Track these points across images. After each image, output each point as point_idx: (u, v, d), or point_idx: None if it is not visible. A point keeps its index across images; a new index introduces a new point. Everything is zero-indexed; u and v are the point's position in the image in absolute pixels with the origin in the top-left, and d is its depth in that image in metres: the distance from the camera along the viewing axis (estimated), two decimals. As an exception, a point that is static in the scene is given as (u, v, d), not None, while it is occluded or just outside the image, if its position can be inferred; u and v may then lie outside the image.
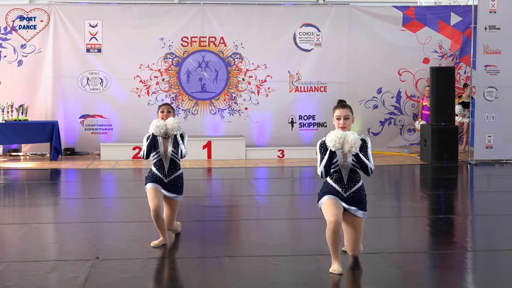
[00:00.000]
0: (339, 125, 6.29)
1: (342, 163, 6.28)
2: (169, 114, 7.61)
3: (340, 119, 6.30)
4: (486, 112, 14.53)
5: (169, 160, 7.49)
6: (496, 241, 7.87)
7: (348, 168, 6.30)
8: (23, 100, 15.41)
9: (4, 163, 14.68)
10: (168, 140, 7.51)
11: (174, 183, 7.52)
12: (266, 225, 8.62)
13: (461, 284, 6.13)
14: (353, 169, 6.31)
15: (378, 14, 16.46)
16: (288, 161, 15.09)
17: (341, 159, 6.27)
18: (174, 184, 7.52)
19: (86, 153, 16.01)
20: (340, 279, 6.12)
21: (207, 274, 6.41)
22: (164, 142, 7.49)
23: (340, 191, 6.31)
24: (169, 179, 7.48)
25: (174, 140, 7.52)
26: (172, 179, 7.51)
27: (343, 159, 6.28)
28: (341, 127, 6.29)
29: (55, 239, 8.02)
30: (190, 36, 16.16)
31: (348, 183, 6.33)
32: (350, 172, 6.32)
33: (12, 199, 10.92)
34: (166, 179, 7.47)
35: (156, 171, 7.50)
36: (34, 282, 6.01)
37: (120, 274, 6.34)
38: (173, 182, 7.52)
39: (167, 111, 7.62)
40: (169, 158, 7.48)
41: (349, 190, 6.32)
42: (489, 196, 11.31)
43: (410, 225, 8.75)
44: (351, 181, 6.34)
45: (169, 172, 7.49)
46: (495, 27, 14.49)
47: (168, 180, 7.48)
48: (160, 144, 7.47)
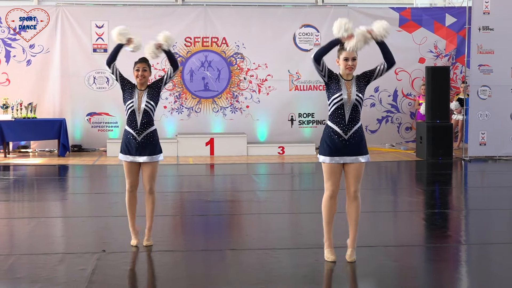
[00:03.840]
0: (347, 66, 6.25)
1: (346, 98, 6.18)
2: (145, 73, 6.95)
3: (348, 60, 6.25)
4: (479, 110, 14.53)
5: (142, 113, 6.80)
6: (489, 235, 7.88)
7: (352, 105, 6.21)
8: (32, 98, 15.41)
9: (14, 159, 14.69)
10: (143, 92, 6.88)
11: (147, 140, 6.82)
12: (267, 219, 8.63)
13: (455, 277, 6.14)
14: (356, 105, 6.23)
15: (375, 15, 16.41)
16: (288, 158, 15.09)
17: (346, 94, 6.18)
18: (148, 142, 6.82)
19: (92, 150, 16.02)
20: (338, 272, 6.13)
21: (210, 266, 6.42)
22: (139, 93, 6.86)
23: (341, 133, 6.22)
24: (142, 136, 6.80)
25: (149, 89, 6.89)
26: (146, 135, 6.82)
27: (348, 95, 6.20)
28: (349, 68, 6.24)
29: (63, 233, 8.04)
30: (193, 37, 16.15)
31: (349, 123, 6.22)
32: (353, 109, 6.22)
33: (21, 194, 10.93)
34: (138, 137, 6.80)
35: (129, 127, 6.83)
36: (43, 274, 6.03)
37: (125, 266, 6.36)
38: (147, 138, 6.82)
39: (143, 70, 6.95)
40: (142, 110, 6.80)
41: (350, 131, 6.22)
42: (482, 191, 11.32)
43: (406, 219, 8.75)
44: (352, 120, 6.23)
45: (141, 127, 6.80)
46: (489, 27, 14.48)
47: (141, 138, 6.80)
48: (134, 93, 6.85)
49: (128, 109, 6.85)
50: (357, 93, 6.22)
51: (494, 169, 13.73)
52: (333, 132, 6.25)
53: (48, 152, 15.85)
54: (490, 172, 13.50)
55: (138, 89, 6.95)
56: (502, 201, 9.87)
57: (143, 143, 6.85)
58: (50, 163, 14.09)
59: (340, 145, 6.22)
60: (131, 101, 6.85)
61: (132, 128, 6.85)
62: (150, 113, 6.86)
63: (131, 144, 6.87)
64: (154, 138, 6.92)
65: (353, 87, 6.25)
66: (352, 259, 6.29)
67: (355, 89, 6.24)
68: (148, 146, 6.87)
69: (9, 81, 15.67)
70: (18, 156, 15.26)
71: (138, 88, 6.97)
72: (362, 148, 6.29)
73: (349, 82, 6.28)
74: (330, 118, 6.31)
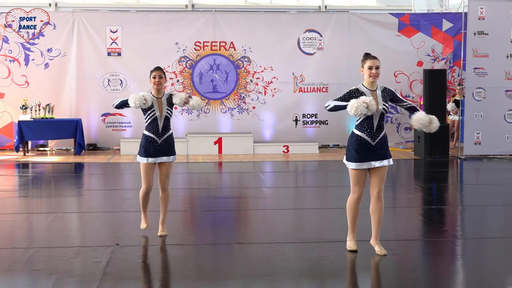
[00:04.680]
0: (371, 74, 6.23)
1: (375, 110, 6.17)
2: (161, 79, 7.12)
3: (372, 69, 6.23)
4: (475, 111, 14.50)
5: (164, 119, 7.09)
6: (483, 230, 7.86)
7: (379, 113, 6.23)
8: (50, 100, 15.45)
9: (33, 157, 14.73)
10: (162, 101, 7.10)
11: (167, 143, 7.10)
12: (272, 215, 8.63)
13: (451, 269, 6.13)
14: (382, 113, 6.26)
15: (376, 20, 16.43)
16: (292, 156, 15.08)
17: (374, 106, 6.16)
18: (167, 144, 7.11)
19: (107, 148, 16.05)
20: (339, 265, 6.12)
21: (218, 259, 6.42)
22: (158, 102, 7.08)
23: (369, 140, 6.23)
24: (162, 139, 7.08)
25: (167, 99, 7.13)
26: (165, 138, 7.10)
27: (376, 105, 6.20)
28: (373, 75, 6.23)
29: (79, 227, 8.05)
30: (203, 41, 16.15)
31: (377, 130, 6.24)
32: (380, 117, 6.25)
33: (39, 191, 10.95)
34: (159, 140, 7.07)
35: (149, 133, 7.09)
36: (60, 266, 6.04)
37: (138, 259, 6.36)
38: (166, 141, 7.10)
39: (159, 77, 7.12)
40: (163, 117, 7.08)
41: (377, 137, 6.25)
42: (477, 188, 11.29)
43: (405, 214, 8.74)
44: (379, 127, 6.26)
45: (162, 131, 7.08)
46: (484, 32, 14.44)
47: (161, 141, 7.08)
48: (155, 103, 7.06)
49: (151, 117, 7.10)
50: (384, 103, 6.24)
51: (488, 167, 13.69)
52: (361, 140, 6.27)
53: (65, 150, 15.88)
54: (484, 170, 13.46)
55: (156, 97, 7.15)
56: (496, 198, 9.84)
57: (162, 145, 7.11)
58: (67, 161, 14.12)
59: (368, 151, 6.26)
60: (152, 110, 7.10)
61: (153, 133, 7.09)
62: (169, 118, 7.17)
63: (152, 147, 7.10)
64: (172, 140, 7.21)
65: (379, 97, 6.26)
66: (383, 252, 6.34)
67: (381, 99, 6.25)
68: (166, 147, 7.13)
69: (28, 83, 15.70)
70: (36, 154, 15.29)
71: (156, 96, 7.16)
72: (387, 152, 6.36)
73: (374, 92, 6.28)
74: (358, 127, 6.29)
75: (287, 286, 5.61)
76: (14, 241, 7.16)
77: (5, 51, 15.63)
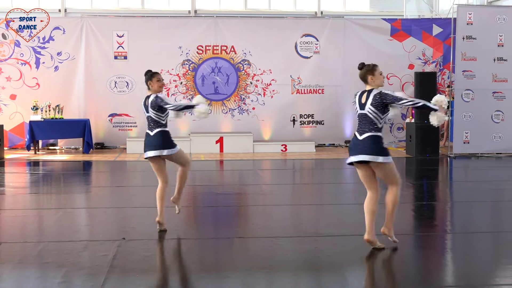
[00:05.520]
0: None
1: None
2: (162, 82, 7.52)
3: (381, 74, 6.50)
4: (463, 111, 14.49)
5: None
6: (472, 225, 7.86)
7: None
8: (59, 101, 15.43)
9: (43, 156, 14.72)
10: None
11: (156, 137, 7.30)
12: (271, 210, 8.63)
13: (441, 262, 6.13)
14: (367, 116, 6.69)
15: (369, 25, 16.42)
16: (290, 155, 15.07)
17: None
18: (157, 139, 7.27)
19: (114, 147, 16.03)
20: (334, 258, 6.12)
21: (219, 253, 6.42)
22: None
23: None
24: (153, 133, 7.38)
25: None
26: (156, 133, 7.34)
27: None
28: None
29: (87, 222, 8.05)
30: (205, 45, 16.13)
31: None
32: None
33: (49, 187, 10.95)
34: (151, 132, 7.39)
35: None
36: (69, 259, 6.04)
37: (143, 253, 6.36)
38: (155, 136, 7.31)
39: (162, 79, 7.56)
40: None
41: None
42: (466, 185, 11.29)
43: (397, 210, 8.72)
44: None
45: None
46: (472, 37, 14.43)
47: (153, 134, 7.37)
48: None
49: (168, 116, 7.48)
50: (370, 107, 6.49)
51: (476, 165, 13.69)
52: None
53: (74, 149, 15.87)
54: (473, 168, 13.46)
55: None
56: (483, 194, 9.84)
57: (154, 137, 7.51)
58: (76, 159, 14.11)
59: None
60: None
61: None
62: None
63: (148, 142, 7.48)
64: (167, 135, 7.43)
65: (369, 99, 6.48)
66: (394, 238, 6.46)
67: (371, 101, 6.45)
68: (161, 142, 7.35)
69: (38, 85, 15.69)
70: (46, 153, 15.29)
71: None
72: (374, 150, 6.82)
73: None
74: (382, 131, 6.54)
75: (286, 278, 5.61)
76: (25, 235, 7.16)
77: (17, 54, 15.61)
